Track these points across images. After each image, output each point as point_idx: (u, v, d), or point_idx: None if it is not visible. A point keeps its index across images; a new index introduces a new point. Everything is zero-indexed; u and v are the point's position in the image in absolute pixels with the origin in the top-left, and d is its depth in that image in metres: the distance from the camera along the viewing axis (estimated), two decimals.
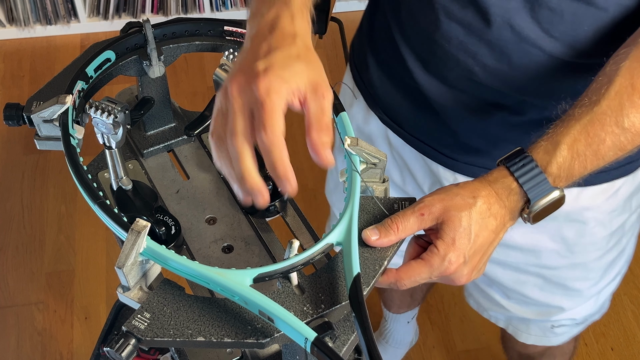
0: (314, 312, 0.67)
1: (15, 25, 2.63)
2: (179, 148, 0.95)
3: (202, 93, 2.44)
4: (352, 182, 0.74)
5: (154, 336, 0.64)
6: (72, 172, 0.72)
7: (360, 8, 2.73)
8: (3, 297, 1.99)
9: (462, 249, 0.73)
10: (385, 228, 0.73)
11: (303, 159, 1.73)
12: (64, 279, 2.03)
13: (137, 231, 0.65)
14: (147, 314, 0.65)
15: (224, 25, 0.86)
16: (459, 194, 0.75)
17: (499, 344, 1.95)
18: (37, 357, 1.89)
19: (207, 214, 0.88)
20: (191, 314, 0.66)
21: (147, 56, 0.85)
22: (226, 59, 0.83)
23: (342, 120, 0.77)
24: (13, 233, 2.12)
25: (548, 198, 0.76)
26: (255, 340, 0.65)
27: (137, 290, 0.68)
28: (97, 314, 1.96)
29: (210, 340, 0.65)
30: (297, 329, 0.63)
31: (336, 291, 0.68)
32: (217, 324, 0.66)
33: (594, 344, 1.94)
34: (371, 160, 0.75)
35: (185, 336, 0.65)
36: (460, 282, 0.76)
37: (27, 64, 2.58)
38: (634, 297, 2.03)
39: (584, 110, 0.77)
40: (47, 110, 0.76)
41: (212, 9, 2.66)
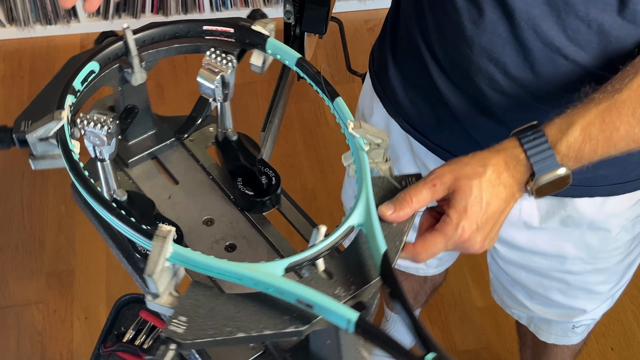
0: (346, 294, 0.68)
1: (15, 25, 2.63)
2: (163, 154, 0.94)
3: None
4: (362, 163, 0.75)
5: (194, 338, 0.64)
6: (81, 187, 0.70)
7: (360, 8, 2.74)
8: (3, 297, 1.99)
9: (475, 217, 0.75)
10: (399, 202, 0.75)
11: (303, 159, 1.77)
12: (64, 279, 2.03)
13: (163, 236, 0.65)
14: (183, 317, 0.65)
15: (202, 25, 0.84)
16: (469, 164, 0.77)
17: (499, 344, 1.95)
18: (37, 357, 1.89)
19: (203, 215, 0.88)
20: (227, 311, 0.66)
21: (128, 64, 0.82)
22: (209, 59, 0.82)
23: (339, 105, 0.78)
24: (13, 233, 2.12)
25: (552, 174, 0.77)
26: (295, 329, 0.66)
27: (167, 296, 0.68)
28: (97, 314, 1.96)
29: (251, 334, 0.65)
30: (339, 312, 0.64)
31: (364, 271, 0.70)
32: (255, 318, 0.66)
33: (594, 344, 1.94)
34: (375, 140, 0.76)
35: (225, 334, 0.65)
36: (473, 249, 0.78)
37: (27, 64, 2.58)
38: (634, 297, 2.03)
39: (605, 96, 0.78)
40: (42, 128, 0.73)
41: (212, 9, 2.66)
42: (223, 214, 0.88)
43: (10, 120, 0.80)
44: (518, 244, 1.15)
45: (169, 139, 0.95)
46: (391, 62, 1.11)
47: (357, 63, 2.46)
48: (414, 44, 1.03)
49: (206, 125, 0.97)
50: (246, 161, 0.89)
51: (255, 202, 0.87)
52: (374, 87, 1.17)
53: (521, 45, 0.89)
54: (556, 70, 0.90)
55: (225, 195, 0.90)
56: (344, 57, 1.98)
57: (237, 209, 0.89)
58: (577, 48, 0.87)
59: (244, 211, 0.89)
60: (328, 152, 2.31)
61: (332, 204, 2.17)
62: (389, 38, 1.12)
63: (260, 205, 0.87)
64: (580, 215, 1.07)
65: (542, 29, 0.87)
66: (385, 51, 1.13)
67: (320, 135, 2.35)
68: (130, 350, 1.34)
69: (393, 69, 1.11)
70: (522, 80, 0.92)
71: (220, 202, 0.89)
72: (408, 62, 1.07)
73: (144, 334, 1.37)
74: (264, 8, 2.68)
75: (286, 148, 2.30)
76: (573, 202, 1.06)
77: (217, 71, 0.82)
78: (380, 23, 1.22)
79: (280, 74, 1.69)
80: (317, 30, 1.64)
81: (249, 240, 0.86)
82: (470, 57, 0.93)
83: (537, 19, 0.86)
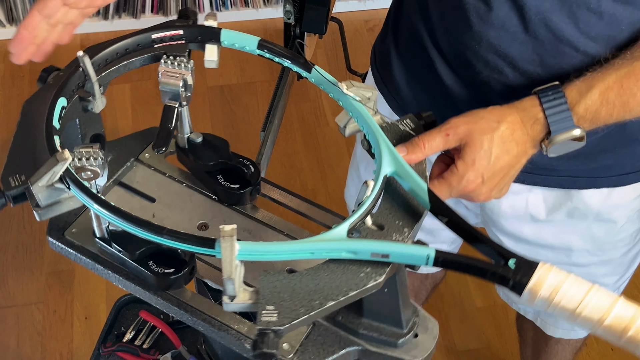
0: (402, 237, 0.72)
1: (15, 25, 2.63)
2: (127, 177, 0.92)
3: (201, 93, 2.44)
4: (364, 115, 0.78)
5: (290, 321, 0.66)
6: (114, 216, 0.68)
7: (361, 8, 2.74)
8: (3, 297, 1.99)
9: (481, 170, 0.78)
10: (412, 145, 0.78)
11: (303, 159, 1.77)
12: (64, 279, 2.03)
13: (230, 235, 0.65)
14: (270, 306, 0.67)
15: (151, 34, 0.82)
16: (485, 118, 0.80)
17: (499, 344, 1.95)
18: (37, 357, 1.89)
19: (195, 222, 0.87)
20: (307, 287, 0.68)
21: (88, 92, 0.80)
22: (165, 66, 0.81)
23: (318, 73, 0.80)
24: (13, 233, 2.12)
25: (568, 134, 0.81)
26: (374, 282, 0.69)
27: (243, 293, 0.68)
28: (97, 314, 1.96)
29: (339, 299, 0.68)
30: (416, 252, 0.69)
31: (408, 212, 0.74)
32: (335, 285, 0.69)
33: (594, 344, 1.94)
34: (366, 95, 0.79)
35: (316, 308, 0.67)
36: (478, 199, 0.82)
37: (27, 64, 2.57)
38: (634, 297, 2.02)
39: (625, 62, 0.81)
40: (48, 174, 0.69)
41: (212, 9, 2.66)
42: (214, 215, 0.88)
43: (10, 121, 0.79)
44: (525, 237, 1.15)
45: (126, 161, 0.92)
46: (394, 57, 1.11)
47: (357, 63, 2.46)
48: (419, 39, 1.03)
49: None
50: (222, 157, 0.88)
51: (242, 193, 0.87)
52: (377, 83, 1.17)
53: (531, 39, 0.90)
54: (565, 61, 0.90)
55: (207, 196, 0.89)
56: (344, 57, 1.98)
57: (224, 206, 0.88)
58: (588, 40, 0.88)
59: (232, 206, 0.88)
60: (328, 152, 2.31)
61: (332, 204, 2.16)
62: (392, 33, 1.12)
63: (247, 195, 0.87)
64: (586, 206, 1.08)
65: (553, 22, 0.87)
66: (388, 46, 1.12)
67: (320, 135, 2.35)
68: (130, 350, 1.34)
69: (396, 64, 1.11)
70: (531, 73, 0.93)
71: (205, 205, 0.89)
72: (412, 56, 1.07)
73: (144, 334, 1.37)
74: (263, 8, 2.68)
75: (286, 148, 2.30)
76: (579, 193, 1.06)
77: (178, 76, 0.80)
78: (380, 23, 1.22)
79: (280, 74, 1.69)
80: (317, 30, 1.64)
81: (250, 231, 0.86)
82: (477, 51, 0.94)
83: (548, 12, 0.87)
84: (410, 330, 0.80)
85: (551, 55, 0.90)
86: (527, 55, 0.91)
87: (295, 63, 0.81)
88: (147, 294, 0.81)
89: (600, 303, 0.65)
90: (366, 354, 0.79)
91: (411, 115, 0.82)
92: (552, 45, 0.89)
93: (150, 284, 0.81)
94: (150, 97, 2.44)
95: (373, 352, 0.78)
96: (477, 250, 0.71)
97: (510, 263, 0.68)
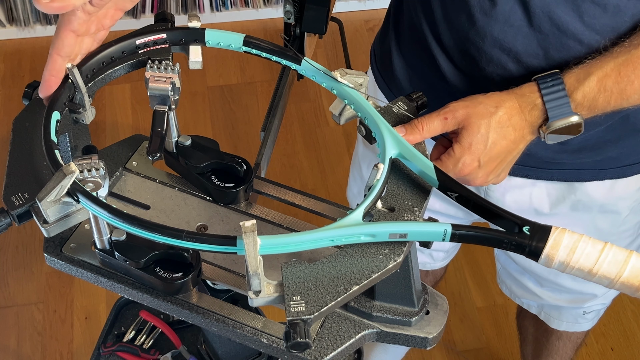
0: (414, 216, 0.74)
1: (15, 25, 2.63)
2: (117, 187, 0.91)
3: (201, 93, 2.44)
4: (362, 103, 0.79)
5: (318, 309, 0.67)
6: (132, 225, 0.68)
7: (361, 8, 2.74)
8: (3, 297, 1.99)
9: (477, 154, 0.80)
10: (411, 127, 0.79)
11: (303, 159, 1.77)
12: (64, 279, 2.03)
13: (251, 231, 0.66)
14: (296, 296, 0.68)
15: (135, 40, 0.82)
16: (483, 103, 0.81)
17: (499, 344, 1.95)
18: (37, 357, 1.89)
19: (193, 225, 0.87)
20: (329, 275, 0.70)
21: (78, 105, 0.79)
22: (151, 71, 0.80)
23: (308, 64, 0.81)
24: (13, 233, 2.12)
25: (565, 121, 0.82)
26: (395, 262, 0.71)
27: (267, 287, 0.69)
28: (97, 314, 1.96)
29: (362, 283, 0.69)
30: (433, 229, 0.70)
31: (416, 192, 0.76)
32: (356, 269, 0.70)
33: (594, 344, 1.94)
34: (358, 81, 0.80)
35: (342, 293, 0.68)
36: (474, 183, 0.83)
37: (27, 64, 2.58)
38: (633, 297, 2.03)
39: (623, 50, 0.82)
40: (56, 189, 0.68)
41: (212, 9, 2.66)
42: (211, 216, 0.88)
43: (10, 121, 0.79)
44: None
45: (115, 171, 0.92)
46: (395, 54, 1.11)
47: (357, 63, 2.47)
48: (421, 35, 1.03)
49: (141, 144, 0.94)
50: (213, 158, 0.88)
51: (236, 192, 0.87)
52: (377, 82, 1.17)
53: (535, 33, 0.90)
54: (569, 55, 0.90)
55: (201, 198, 0.89)
56: (344, 57, 1.98)
57: (220, 206, 0.88)
58: (592, 32, 0.88)
59: (227, 205, 0.88)
60: (328, 152, 2.31)
61: None
62: (393, 31, 1.12)
63: (242, 193, 0.88)
64: (590, 198, 1.08)
65: (558, 15, 0.87)
66: (389, 44, 1.13)
67: (320, 135, 2.35)
68: (130, 350, 1.34)
69: (398, 61, 1.11)
70: (534, 68, 0.93)
71: (201, 207, 0.89)
72: (413, 52, 1.07)
73: (144, 334, 1.37)
74: (263, 8, 2.68)
75: (286, 148, 2.30)
76: (583, 186, 1.07)
77: (166, 80, 0.80)
78: (380, 23, 1.22)
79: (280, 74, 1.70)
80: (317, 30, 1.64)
81: None
82: (481, 47, 0.94)
83: (552, 5, 0.87)
84: (422, 308, 0.81)
85: (555, 49, 0.90)
86: (532, 50, 0.91)
87: (283, 57, 0.81)
88: (156, 301, 0.80)
89: (616, 258, 0.67)
90: (382, 336, 0.80)
91: (402, 98, 0.83)
92: (556, 38, 0.89)
93: (160, 290, 0.80)
94: None
95: (388, 333, 0.80)
96: (489, 222, 0.73)
97: (525, 230, 0.69)
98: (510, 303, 2.00)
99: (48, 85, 0.77)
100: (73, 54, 0.78)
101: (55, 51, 0.78)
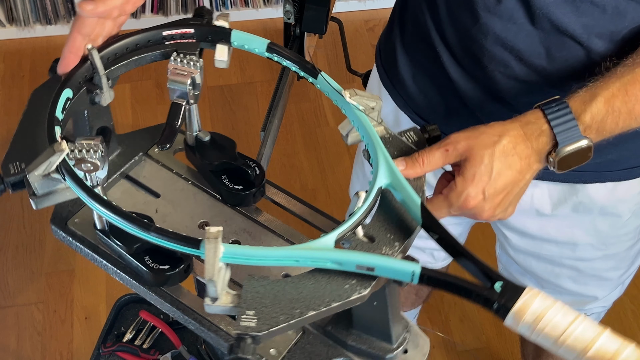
0: (392, 251, 0.71)
1: (15, 25, 2.63)
2: (134, 171, 0.92)
3: (202, 93, 2.44)
4: (366, 126, 0.77)
5: (268, 328, 0.65)
6: (106, 211, 0.68)
7: (360, 8, 2.73)
8: (3, 297, 1.99)
9: (481, 185, 0.76)
10: (412, 160, 0.76)
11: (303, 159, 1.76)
12: (64, 279, 2.03)
13: (214, 237, 0.65)
14: (250, 311, 0.66)
15: (162, 31, 0.83)
16: (486, 132, 0.77)
17: (499, 344, 1.95)
18: (37, 357, 1.89)
19: (196, 220, 0.87)
20: (290, 295, 0.68)
21: (95, 85, 0.80)
22: (174, 64, 0.81)
23: (324, 79, 0.79)
24: (13, 233, 2.12)
25: (575, 145, 0.78)
26: (359, 294, 0.68)
27: (225, 296, 0.68)
28: (97, 314, 1.96)
29: (320, 310, 0.67)
30: (401, 267, 0.67)
31: (401, 227, 0.73)
32: (318, 294, 0.68)
33: None
34: (370, 104, 0.78)
35: (296, 316, 0.66)
36: (481, 217, 0.79)
37: (27, 64, 2.58)
38: (633, 297, 2.03)
39: (627, 70, 0.80)
40: (44, 164, 0.70)
41: (212, 9, 2.66)
42: (215, 215, 0.88)
43: (10, 121, 0.79)
44: (529, 231, 1.15)
45: (135, 155, 0.93)
46: (400, 51, 1.11)
47: (357, 63, 2.46)
48: (425, 33, 1.03)
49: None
50: (227, 158, 0.89)
51: (245, 195, 0.87)
52: (382, 79, 1.17)
53: (537, 32, 0.90)
54: (571, 55, 0.90)
55: (210, 196, 0.90)
56: (344, 57, 1.98)
57: (227, 206, 0.89)
58: (591, 35, 0.88)
59: (234, 207, 0.88)
60: (328, 152, 2.31)
61: (332, 204, 2.17)
62: (398, 28, 1.12)
63: (250, 197, 0.87)
64: (591, 200, 1.08)
65: (556, 16, 0.87)
66: (394, 42, 1.13)
67: (320, 135, 2.35)
68: (130, 350, 1.34)
69: (402, 59, 1.11)
70: (536, 66, 0.92)
71: (208, 204, 0.89)
72: (418, 50, 1.07)
73: (144, 334, 1.37)
74: (263, 8, 2.68)
75: (286, 148, 2.30)
76: (585, 188, 1.06)
77: (186, 74, 0.81)
78: (380, 23, 1.22)
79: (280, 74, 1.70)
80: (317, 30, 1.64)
81: (250, 232, 0.87)
82: (484, 44, 0.94)
83: (552, 6, 0.87)
84: (399, 346, 0.79)
85: (557, 49, 0.90)
86: (534, 48, 0.91)
87: (302, 68, 0.81)
88: (142, 288, 0.82)
89: (584, 334, 0.63)
90: None
91: (415, 128, 0.80)
92: (557, 38, 0.89)
93: (146, 279, 0.81)
94: (150, 97, 2.44)
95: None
96: (464, 269, 0.70)
97: (497, 286, 0.66)
98: None
99: (66, 62, 0.78)
100: (94, 34, 0.79)
101: (76, 29, 0.79)
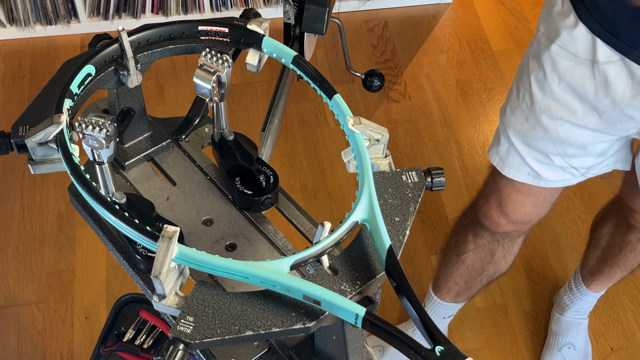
0: (352, 289, 0.69)
1: (15, 25, 2.63)
2: (159, 156, 0.94)
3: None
4: (363, 159, 0.76)
5: (202, 338, 0.65)
6: (83, 190, 0.70)
7: (360, 8, 2.73)
8: (3, 297, 1.99)
9: None
10: None
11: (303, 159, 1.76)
12: (64, 279, 2.03)
13: (169, 237, 0.65)
14: (190, 317, 0.66)
15: (197, 25, 0.84)
16: None
17: (499, 344, 1.95)
18: (37, 357, 1.89)
19: (202, 216, 0.88)
20: (234, 310, 0.67)
21: (123, 66, 0.82)
22: (204, 59, 0.82)
23: (337, 102, 0.79)
24: (13, 233, 2.12)
25: None
26: (303, 325, 0.66)
27: (173, 297, 0.68)
28: (97, 314, 1.96)
29: (259, 332, 0.66)
30: (346, 307, 0.65)
31: (369, 266, 0.71)
32: (262, 316, 0.67)
33: (594, 344, 1.94)
34: (374, 136, 0.77)
35: (233, 332, 0.66)
36: None
37: (27, 64, 2.58)
38: (633, 297, 2.03)
39: None
40: (41, 133, 0.72)
41: (212, 9, 2.66)
42: (222, 214, 0.88)
43: (10, 121, 0.80)
44: None
45: (164, 140, 0.95)
46: None
47: (357, 63, 2.46)
48: None
49: (202, 126, 0.97)
50: (244, 160, 0.89)
51: (253, 201, 0.87)
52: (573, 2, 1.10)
53: None
54: None
55: (223, 195, 0.90)
56: (344, 57, 1.97)
57: (235, 209, 0.89)
58: None
59: (242, 210, 0.89)
60: (328, 152, 2.31)
61: (332, 204, 2.17)
62: None
63: (258, 204, 0.87)
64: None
65: None
66: None
67: (320, 135, 2.35)
68: (130, 350, 1.34)
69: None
70: None
71: (218, 202, 0.89)
72: None
73: (144, 334, 1.38)
74: (263, 8, 2.68)
75: (286, 148, 2.30)
76: None
77: (213, 71, 0.81)
78: (381, 23, 1.21)
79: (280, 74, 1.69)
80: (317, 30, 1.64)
81: (249, 239, 0.87)
82: None
83: None
84: None
85: None
86: None
87: (320, 87, 0.81)
88: (131, 271, 0.82)
89: None
90: None
91: (419, 168, 0.79)
92: None
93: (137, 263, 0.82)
94: (150, 97, 2.44)
95: None
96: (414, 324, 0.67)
97: (437, 349, 0.64)
98: (510, 303, 2.00)
99: None
100: None
101: None
